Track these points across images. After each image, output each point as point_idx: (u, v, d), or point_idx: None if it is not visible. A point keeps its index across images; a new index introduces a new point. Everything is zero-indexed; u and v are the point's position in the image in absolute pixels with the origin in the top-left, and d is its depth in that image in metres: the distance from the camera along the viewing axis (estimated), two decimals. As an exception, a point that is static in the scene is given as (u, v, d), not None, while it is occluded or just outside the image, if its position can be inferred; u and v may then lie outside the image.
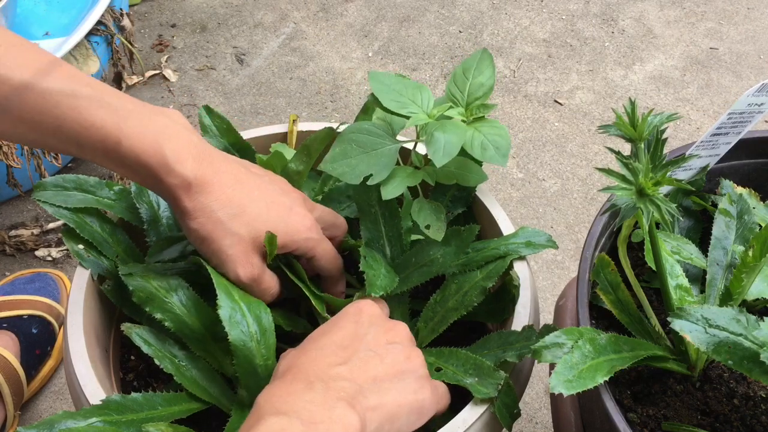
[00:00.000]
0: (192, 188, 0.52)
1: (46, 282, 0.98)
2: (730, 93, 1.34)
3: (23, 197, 1.12)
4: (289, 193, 0.59)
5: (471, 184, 0.64)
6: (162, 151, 0.51)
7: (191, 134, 0.53)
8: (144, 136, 0.51)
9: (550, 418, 0.91)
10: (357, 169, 0.59)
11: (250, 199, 0.55)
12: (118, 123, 0.50)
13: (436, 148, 0.57)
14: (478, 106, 0.62)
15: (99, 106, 0.50)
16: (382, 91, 0.62)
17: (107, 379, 0.59)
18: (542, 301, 1.04)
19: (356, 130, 0.61)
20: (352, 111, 1.29)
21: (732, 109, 0.60)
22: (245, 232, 0.54)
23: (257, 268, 0.55)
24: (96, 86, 0.51)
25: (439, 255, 0.61)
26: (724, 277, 0.60)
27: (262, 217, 0.55)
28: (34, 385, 0.92)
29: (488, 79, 0.64)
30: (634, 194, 0.49)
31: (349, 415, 0.44)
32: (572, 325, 0.64)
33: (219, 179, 0.53)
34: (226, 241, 0.54)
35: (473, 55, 0.65)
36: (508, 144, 0.59)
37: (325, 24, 1.46)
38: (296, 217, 0.57)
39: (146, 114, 0.52)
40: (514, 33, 1.45)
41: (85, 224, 0.61)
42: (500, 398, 0.53)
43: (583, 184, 1.19)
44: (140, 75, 1.33)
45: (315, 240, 0.57)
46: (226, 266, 0.54)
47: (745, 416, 0.55)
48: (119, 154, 0.51)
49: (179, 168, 0.51)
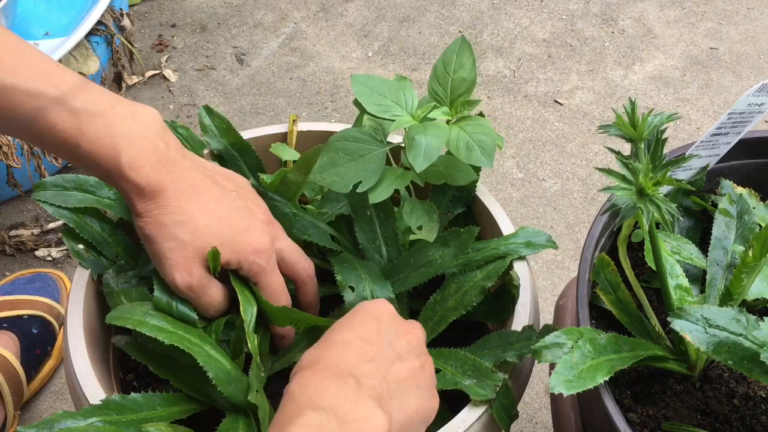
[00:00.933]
0: (144, 194, 0.53)
1: (46, 282, 0.98)
2: (730, 93, 1.34)
3: (23, 197, 1.12)
4: (252, 215, 0.57)
5: (460, 183, 0.63)
6: (118, 157, 0.52)
7: (158, 141, 0.54)
8: (102, 142, 0.52)
9: (550, 418, 0.91)
10: (346, 177, 0.59)
11: (202, 211, 0.54)
12: (78, 126, 0.51)
13: (416, 153, 0.56)
14: (462, 103, 0.61)
15: (62, 108, 0.51)
16: (365, 95, 0.61)
17: (107, 379, 0.59)
18: (542, 301, 1.04)
19: (343, 137, 0.60)
20: (352, 111, 1.29)
21: (732, 109, 0.60)
22: (189, 240, 0.54)
23: (197, 278, 0.54)
24: (66, 87, 0.51)
25: (437, 256, 0.61)
26: (724, 277, 0.60)
27: (210, 229, 0.54)
28: (34, 385, 0.92)
29: (469, 72, 0.61)
30: (634, 194, 0.49)
31: (379, 415, 0.45)
32: (572, 325, 0.64)
33: (175, 187, 0.54)
34: (167, 244, 0.53)
35: (451, 46, 0.63)
36: (494, 142, 0.58)
37: (325, 24, 1.46)
38: (247, 238, 0.56)
39: (112, 119, 0.52)
40: (514, 33, 1.45)
41: (85, 224, 0.61)
42: (498, 400, 0.53)
43: (583, 184, 1.19)
44: (140, 75, 1.33)
45: (261, 267, 0.56)
46: (164, 269, 0.54)
47: (745, 416, 0.55)
48: (78, 156, 0.52)
49: (132, 174, 0.52)
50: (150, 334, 0.52)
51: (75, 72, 0.54)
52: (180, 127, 0.69)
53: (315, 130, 0.74)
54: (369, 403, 0.45)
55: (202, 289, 0.55)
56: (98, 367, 0.57)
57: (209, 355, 0.53)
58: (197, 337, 0.54)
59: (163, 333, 0.53)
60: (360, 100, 0.60)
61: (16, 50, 0.51)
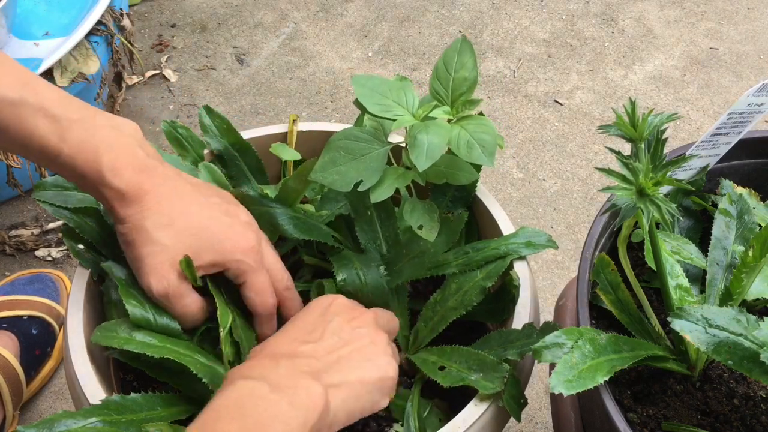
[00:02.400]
0: (126, 198, 0.53)
1: (46, 283, 0.97)
2: (730, 93, 1.34)
3: (23, 197, 1.12)
4: (236, 216, 0.57)
5: (461, 182, 0.63)
6: (99, 163, 0.52)
7: (137, 148, 0.54)
8: (82, 148, 0.52)
9: (550, 418, 0.91)
10: (347, 176, 0.58)
11: (184, 213, 0.54)
12: (59, 133, 0.51)
13: (418, 151, 0.56)
14: (464, 103, 0.61)
15: (43, 115, 0.51)
16: (366, 96, 0.61)
17: (107, 379, 0.59)
18: (542, 301, 1.04)
19: (344, 136, 0.60)
20: (352, 111, 1.29)
21: (732, 109, 0.60)
22: (171, 243, 0.53)
23: (173, 286, 0.53)
24: (46, 95, 0.52)
25: (429, 244, 0.60)
26: (724, 277, 0.60)
27: (192, 231, 0.54)
28: (34, 385, 0.92)
29: (471, 71, 0.61)
30: (635, 194, 0.49)
31: (314, 385, 0.46)
32: (572, 325, 0.64)
33: (156, 191, 0.53)
34: (146, 249, 0.53)
35: (453, 46, 0.63)
36: (495, 141, 0.58)
37: (325, 24, 1.46)
38: (234, 236, 0.55)
39: (92, 126, 0.53)
40: (514, 33, 1.45)
41: (85, 224, 0.61)
42: (507, 391, 0.53)
43: (583, 184, 1.19)
44: (140, 75, 1.33)
45: (248, 265, 0.55)
46: (140, 274, 0.54)
47: (745, 416, 0.55)
48: (59, 163, 0.52)
49: (114, 180, 0.52)
50: (137, 351, 0.52)
51: (53, 84, 0.54)
52: (180, 127, 0.69)
53: (315, 130, 0.74)
54: (303, 376, 0.47)
55: (177, 298, 0.54)
56: (98, 367, 0.56)
57: (200, 363, 0.53)
58: (185, 347, 0.54)
59: (151, 348, 0.52)
60: (361, 100, 0.60)
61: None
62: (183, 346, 0.54)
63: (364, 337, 0.52)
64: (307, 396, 0.45)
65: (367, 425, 0.58)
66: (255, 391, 0.44)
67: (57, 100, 0.52)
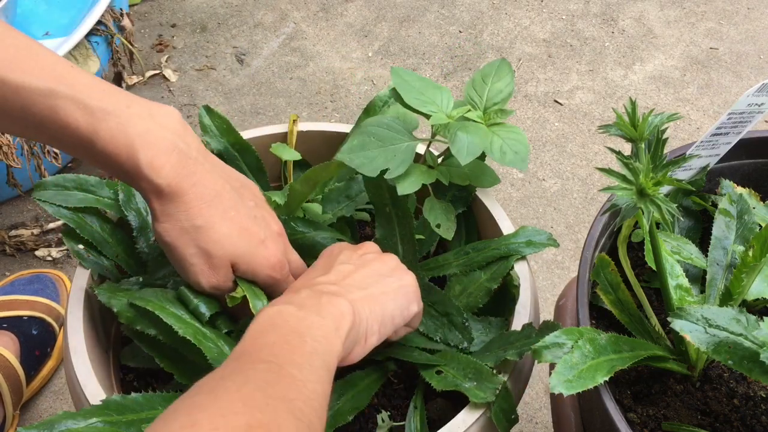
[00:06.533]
0: (163, 195, 0.52)
1: (45, 283, 0.97)
2: (730, 93, 1.34)
3: (23, 197, 1.12)
4: (268, 226, 0.58)
5: (485, 186, 0.66)
6: (135, 156, 0.51)
7: (177, 141, 0.52)
8: (117, 140, 0.50)
9: (550, 418, 0.91)
10: (375, 162, 0.60)
11: (222, 218, 0.54)
12: (93, 125, 0.50)
13: (459, 147, 0.58)
14: (496, 111, 0.62)
15: (75, 107, 0.50)
16: (404, 88, 0.62)
17: (107, 379, 0.59)
18: (542, 301, 1.04)
19: (376, 123, 0.61)
20: (352, 111, 1.29)
21: (732, 109, 0.60)
22: (211, 249, 0.53)
23: (223, 278, 0.55)
24: (79, 85, 0.50)
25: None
26: (724, 277, 0.60)
27: (231, 239, 0.54)
28: (34, 386, 0.92)
29: (507, 85, 0.65)
30: (635, 194, 0.49)
31: (336, 299, 0.49)
32: (572, 325, 0.64)
33: (195, 191, 0.53)
34: (189, 250, 0.53)
35: (491, 63, 0.67)
36: (527, 150, 0.60)
37: (325, 24, 1.46)
38: (264, 252, 0.56)
39: (126, 117, 0.51)
40: (514, 33, 1.45)
41: (85, 224, 0.61)
42: (497, 403, 0.52)
43: (583, 184, 1.19)
44: (140, 75, 1.33)
45: (276, 279, 0.57)
46: (188, 275, 0.54)
47: (745, 416, 0.55)
48: (94, 155, 0.51)
49: (152, 175, 0.51)
50: (168, 321, 0.53)
51: (88, 72, 0.53)
52: (180, 127, 0.69)
53: (315, 130, 0.74)
54: (324, 295, 0.49)
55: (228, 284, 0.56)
56: (98, 367, 0.57)
57: (221, 352, 0.53)
58: (211, 331, 0.55)
59: (180, 322, 0.53)
60: (399, 91, 0.62)
61: (27, 50, 0.50)
62: (209, 329, 0.55)
63: (374, 260, 0.55)
64: (334, 306, 0.48)
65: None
66: (283, 312, 0.46)
67: (91, 90, 0.51)
